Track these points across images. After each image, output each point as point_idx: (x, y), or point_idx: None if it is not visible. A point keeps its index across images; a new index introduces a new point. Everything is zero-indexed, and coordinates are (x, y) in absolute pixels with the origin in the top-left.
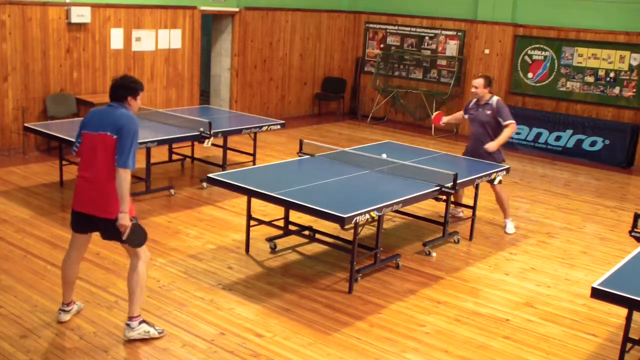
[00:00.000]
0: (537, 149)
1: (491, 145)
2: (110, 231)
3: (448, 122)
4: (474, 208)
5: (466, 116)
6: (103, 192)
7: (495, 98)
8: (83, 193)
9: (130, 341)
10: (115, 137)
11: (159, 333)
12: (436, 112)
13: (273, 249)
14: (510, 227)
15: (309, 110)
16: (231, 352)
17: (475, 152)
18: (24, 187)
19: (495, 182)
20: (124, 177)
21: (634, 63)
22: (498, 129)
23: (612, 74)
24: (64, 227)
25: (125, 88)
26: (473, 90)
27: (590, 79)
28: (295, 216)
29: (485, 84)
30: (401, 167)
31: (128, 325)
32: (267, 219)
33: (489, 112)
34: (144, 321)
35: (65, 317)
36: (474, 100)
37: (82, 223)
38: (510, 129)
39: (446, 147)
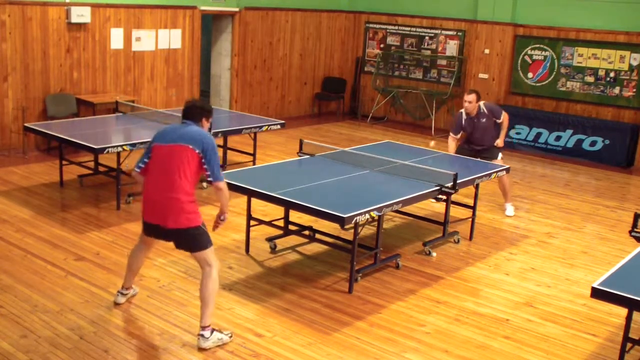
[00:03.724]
0: (537, 149)
1: (500, 144)
2: (183, 241)
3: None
4: (474, 208)
5: (458, 136)
6: (178, 203)
7: (482, 104)
8: (155, 205)
9: (130, 341)
10: (197, 151)
11: (229, 337)
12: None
13: (273, 249)
14: (510, 210)
15: (309, 110)
16: (231, 352)
17: (484, 151)
18: (24, 187)
19: (499, 157)
20: (223, 187)
21: (634, 63)
22: (495, 125)
23: (612, 74)
24: (64, 227)
25: (202, 109)
26: (467, 104)
27: (590, 79)
28: (295, 216)
29: (477, 98)
30: (401, 167)
31: (202, 335)
32: (267, 219)
33: (484, 119)
34: (214, 329)
35: (122, 299)
36: (464, 116)
37: (154, 232)
38: (506, 120)
39: (446, 147)
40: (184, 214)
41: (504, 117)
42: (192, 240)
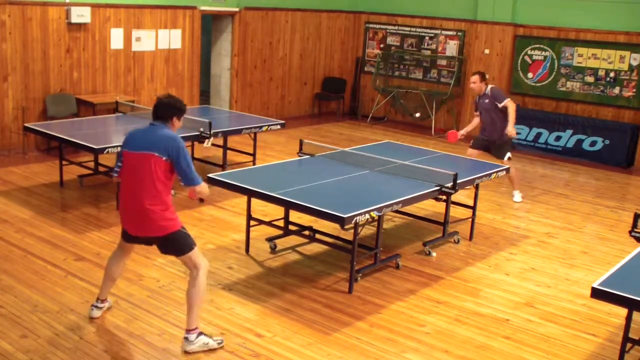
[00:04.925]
0: (537, 149)
1: (510, 131)
2: (166, 247)
3: (468, 133)
4: (474, 208)
5: (476, 113)
6: (150, 213)
7: (489, 87)
8: (129, 215)
9: (130, 341)
10: (164, 158)
11: (218, 344)
12: (449, 131)
13: (273, 249)
14: (517, 197)
15: (309, 110)
16: (231, 352)
17: (489, 137)
18: (24, 187)
19: (505, 158)
20: (199, 191)
21: (634, 63)
22: (500, 113)
23: (612, 74)
24: (64, 227)
25: (172, 107)
26: (471, 85)
27: (590, 79)
28: (295, 216)
29: (480, 79)
30: (401, 167)
31: (186, 338)
32: (267, 219)
33: (487, 100)
34: (202, 333)
35: (97, 313)
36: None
37: (133, 240)
38: (511, 107)
39: (446, 147)
40: (159, 222)
41: (509, 105)
42: (173, 244)
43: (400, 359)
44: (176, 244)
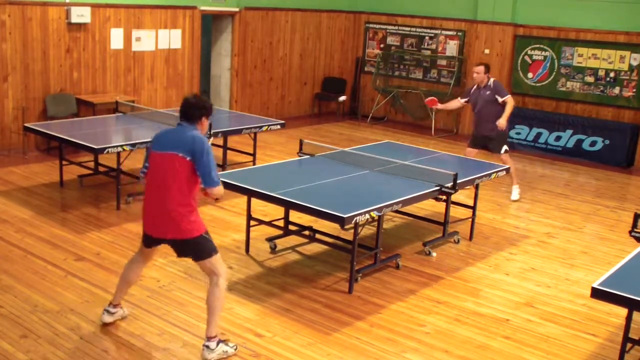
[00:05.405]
0: (537, 149)
1: (501, 123)
2: (185, 250)
3: (445, 108)
4: (474, 208)
5: (463, 100)
6: (173, 215)
7: (492, 79)
8: (151, 216)
9: (130, 341)
10: (188, 158)
11: (235, 350)
12: (430, 98)
13: (273, 249)
14: (515, 194)
15: (309, 110)
16: None
17: (484, 130)
18: (24, 187)
19: (502, 152)
20: (217, 193)
21: (634, 63)
22: (498, 106)
23: (612, 74)
24: (64, 227)
25: (201, 108)
26: (475, 75)
27: (590, 79)
28: (295, 216)
29: (485, 70)
30: (401, 167)
31: (207, 347)
32: (267, 219)
33: (488, 92)
34: (221, 341)
35: (108, 318)
36: (475, 86)
37: (155, 242)
38: (510, 103)
39: (446, 147)
40: (182, 225)
41: (509, 101)
42: (193, 249)
43: (400, 359)
44: (198, 249)
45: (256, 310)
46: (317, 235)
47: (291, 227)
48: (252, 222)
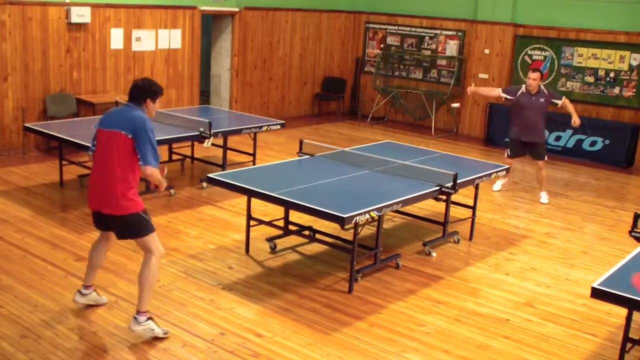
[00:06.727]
0: None
1: (579, 121)
2: (124, 229)
3: (477, 91)
4: (474, 208)
5: (505, 96)
6: (113, 190)
7: (541, 85)
8: (94, 190)
9: (130, 341)
10: (130, 136)
11: (164, 334)
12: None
13: (273, 249)
14: (544, 198)
15: (309, 110)
16: (231, 352)
17: (535, 137)
18: (24, 187)
19: (545, 158)
20: (149, 174)
21: (634, 63)
22: (545, 113)
23: (612, 74)
24: (64, 227)
25: (145, 90)
26: (531, 82)
27: (590, 79)
28: (295, 216)
29: (540, 77)
30: (401, 167)
31: (135, 318)
32: (267, 219)
33: (542, 99)
34: (150, 318)
35: (80, 299)
36: (521, 90)
37: (99, 222)
38: (568, 101)
39: (446, 147)
40: (121, 201)
41: (567, 102)
42: (129, 226)
43: (400, 359)
44: (134, 226)
45: (256, 310)
46: (317, 235)
47: (291, 227)
48: (252, 222)
